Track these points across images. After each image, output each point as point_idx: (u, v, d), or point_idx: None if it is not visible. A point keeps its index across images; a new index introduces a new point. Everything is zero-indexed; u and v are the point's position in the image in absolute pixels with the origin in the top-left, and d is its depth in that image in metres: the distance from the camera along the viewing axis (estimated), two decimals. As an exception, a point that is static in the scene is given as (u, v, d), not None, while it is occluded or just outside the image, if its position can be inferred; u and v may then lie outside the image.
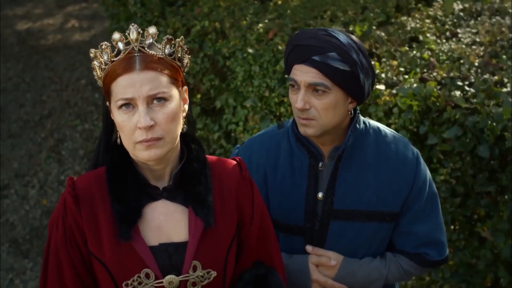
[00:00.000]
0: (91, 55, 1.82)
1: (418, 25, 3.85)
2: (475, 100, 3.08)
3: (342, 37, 2.09)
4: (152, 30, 1.81)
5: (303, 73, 2.09)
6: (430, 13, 4.07)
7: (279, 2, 4.49)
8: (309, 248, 2.28)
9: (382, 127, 2.31)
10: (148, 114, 1.75)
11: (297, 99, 2.11)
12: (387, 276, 2.30)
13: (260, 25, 4.11)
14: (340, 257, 2.28)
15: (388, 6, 4.16)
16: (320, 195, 2.24)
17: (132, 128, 1.77)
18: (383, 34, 3.80)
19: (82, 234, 1.85)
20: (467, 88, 3.17)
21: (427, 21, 3.95)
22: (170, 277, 1.85)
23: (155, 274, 1.84)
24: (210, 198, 1.90)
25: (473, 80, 3.23)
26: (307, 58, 2.08)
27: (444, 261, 2.34)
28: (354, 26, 3.86)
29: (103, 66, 1.81)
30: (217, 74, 4.52)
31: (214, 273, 1.88)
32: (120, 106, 1.77)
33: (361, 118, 2.26)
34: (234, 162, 2.02)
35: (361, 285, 2.30)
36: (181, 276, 1.85)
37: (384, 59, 3.57)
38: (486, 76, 3.25)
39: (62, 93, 7.33)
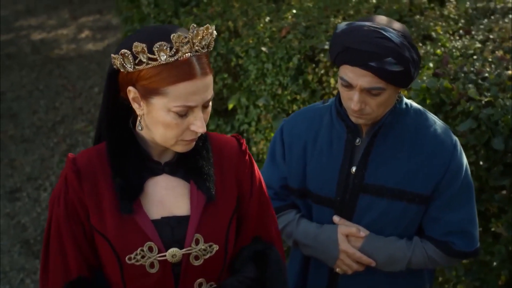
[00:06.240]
0: (137, 48, 1.70)
1: (431, 24, 3.84)
2: (489, 94, 3.07)
3: (395, 37, 2.07)
4: (209, 29, 1.76)
5: (358, 77, 2.09)
6: (443, 12, 4.06)
7: (293, 3, 4.50)
8: (336, 218, 2.31)
9: (424, 110, 2.33)
10: (203, 118, 1.78)
11: (353, 101, 2.13)
12: (411, 259, 2.28)
13: (274, 23, 4.12)
14: (366, 232, 2.28)
15: (401, 5, 4.16)
16: (353, 169, 2.26)
17: (183, 129, 1.78)
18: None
19: (85, 209, 1.85)
20: (480, 81, 3.16)
21: (440, 19, 3.95)
22: (173, 250, 1.84)
23: (158, 247, 1.83)
24: (212, 172, 1.91)
25: (486, 75, 3.22)
26: (362, 64, 2.07)
27: (472, 254, 2.31)
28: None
29: (149, 62, 1.71)
30: (230, 73, 4.53)
31: (216, 247, 1.88)
32: (178, 111, 1.75)
33: (404, 99, 2.28)
34: (234, 138, 2.03)
35: (383, 263, 2.29)
36: (184, 249, 1.85)
37: (397, 55, 3.56)
38: (500, 70, 3.24)
39: (75, 100, 7.37)
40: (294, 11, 4.27)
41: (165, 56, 1.70)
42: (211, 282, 1.94)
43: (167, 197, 1.89)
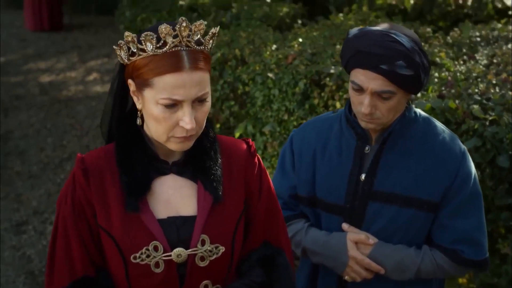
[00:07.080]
0: (128, 38, 1.74)
1: (435, 50, 3.90)
2: (493, 113, 3.09)
3: (406, 41, 2.10)
4: (202, 25, 1.77)
5: (369, 80, 2.12)
6: (447, 40, 4.13)
7: (299, 32, 4.58)
8: (345, 226, 2.30)
9: (433, 119, 2.34)
10: (192, 115, 1.75)
11: (364, 105, 2.15)
12: (420, 267, 2.26)
13: (280, 51, 4.18)
14: (375, 239, 2.27)
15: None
16: (363, 176, 2.27)
17: (172, 124, 1.76)
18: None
19: (91, 207, 1.84)
20: (485, 101, 3.19)
21: (445, 46, 4.01)
22: (178, 250, 1.82)
23: (164, 247, 1.82)
24: (220, 173, 1.90)
25: (491, 96, 3.25)
26: (373, 66, 2.10)
27: (481, 263, 2.28)
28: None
29: (140, 53, 1.74)
30: (237, 101, 4.57)
31: (222, 249, 1.86)
32: (164, 104, 1.74)
33: (413, 107, 2.30)
34: (243, 141, 2.03)
35: (392, 271, 2.27)
36: (190, 250, 1.83)
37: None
38: (504, 91, 3.27)
39: (82, 138, 7.42)
40: (300, 39, 4.34)
41: (151, 47, 1.71)
42: (217, 284, 1.92)
43: (174, 197, 1.88)
